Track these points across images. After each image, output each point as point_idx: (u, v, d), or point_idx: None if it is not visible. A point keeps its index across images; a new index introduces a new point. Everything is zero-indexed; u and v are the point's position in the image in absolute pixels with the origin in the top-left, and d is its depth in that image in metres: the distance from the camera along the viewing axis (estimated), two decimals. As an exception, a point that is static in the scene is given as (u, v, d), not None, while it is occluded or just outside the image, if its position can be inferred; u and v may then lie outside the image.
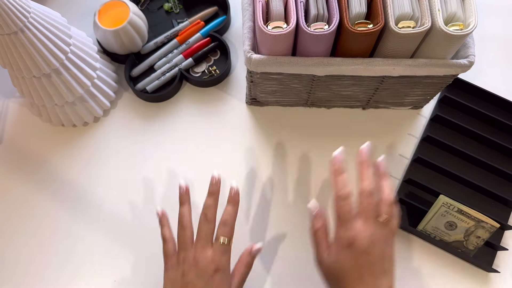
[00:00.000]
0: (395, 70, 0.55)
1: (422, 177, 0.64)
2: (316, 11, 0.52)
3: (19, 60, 0.55)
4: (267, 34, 0.51)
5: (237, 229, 0.63)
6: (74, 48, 0.60)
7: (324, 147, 0.67)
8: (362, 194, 0.49)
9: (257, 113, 0.69)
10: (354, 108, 0.69)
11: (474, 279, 0.62)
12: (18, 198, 0.65)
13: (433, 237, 0.62)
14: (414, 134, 0.69)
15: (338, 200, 0.49)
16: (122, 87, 0.71)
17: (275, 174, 0.66)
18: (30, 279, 0.61)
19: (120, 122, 0.69)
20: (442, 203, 0.60)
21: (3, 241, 0.63)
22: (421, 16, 0.52)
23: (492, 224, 0.59)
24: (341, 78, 0.58)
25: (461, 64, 0.54)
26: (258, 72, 0.57)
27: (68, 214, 0.64)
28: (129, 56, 0.69)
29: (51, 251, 0.62)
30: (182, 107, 0.70)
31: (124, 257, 0.62)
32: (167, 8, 0.74)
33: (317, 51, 0.54)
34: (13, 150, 0.67)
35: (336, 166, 0.50)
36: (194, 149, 0.67)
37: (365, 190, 0.49)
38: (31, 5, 0.52)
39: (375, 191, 0.49)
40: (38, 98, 0.62)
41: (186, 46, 0.71)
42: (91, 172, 0.66)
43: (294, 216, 0.64)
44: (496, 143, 0.66)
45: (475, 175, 0.65)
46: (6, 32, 0.51)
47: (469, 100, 0.68)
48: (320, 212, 0.52)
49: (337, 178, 0.50)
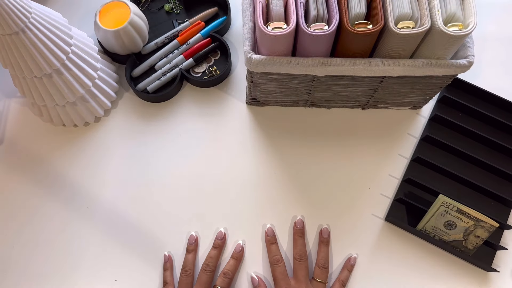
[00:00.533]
0: (394, 70, 0.55)
1: (422, 177, 0.65)
2: (316, 11, 0.52)
3: (20, 60, 0.55)
4: (267, 34, 0.51)
5: (237, 229, 0.63)
6: (75, 49, 0.60)
7: (324, 147, 0.67)
8: (294, 259, 0.60)
9: (257, 113, 0.70)
10: (353, 108, 0.70)
11: (474, 279, 0.62)
12: (19, 198, 0.65)
13: (433, 237, 0.62)
14: (413, 134, 0.69)
15: (272, 264, 0.59)
16: (123, 87, 0.71)
17: (275, 174, 0.66)
18: (30, 278, 0.61)
19: (121, 122, 0.69)
20: (442, 202, 0.60)
21: (3, 241, 0.63)
22: (420, 16, 0.52)
23: (491, 224, 0.59)
24: (341, 79, 0.59)
25: (460, 65, 0.55)
26: (258, 73, 0.57)
27: (68, 214, 0.64)
28: (130, 56, 0.69)
29: (51, 250, 0.63)
30: (183, 107, 0.70)
31: (124, 257, 0.62)
32: (168, 9, 0.74)
33: (317, 51, 0.54)
34: (14, 150, 0.68)
35: (269, 237, 0.62)
36: (195, 149, 0.67)
37: (295, 256, 0.60)
38: (32, 5, 0.53)
39: (303, 256, 0.59)
40: (39, 98, 0.62)
41: (186, 47, 0.71)
42: (92, 171, 0.66)
43: (295, 215, 0.64)
44: (495, 143, 0.66)
45: (474, 175, 0.65)
46: (7, 33, 0.51)
47: (469, 100, 0.68)
48: (261, 283, 0.60)
49: (270, 246, 0.61)
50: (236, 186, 0.65)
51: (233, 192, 0.65)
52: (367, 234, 0.63)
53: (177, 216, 0.64)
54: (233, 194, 0.65)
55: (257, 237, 0.63)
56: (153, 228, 0.63)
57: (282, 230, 0.63)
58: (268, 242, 0.61)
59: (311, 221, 0.64)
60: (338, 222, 0.64)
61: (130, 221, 0.64)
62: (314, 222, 0.64)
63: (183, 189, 0.65)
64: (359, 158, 0.67)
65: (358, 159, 0.67)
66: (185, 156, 0.67)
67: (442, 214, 0.60)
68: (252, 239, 0.63)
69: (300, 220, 0.62)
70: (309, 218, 0.64)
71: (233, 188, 0.65)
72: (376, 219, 0.64)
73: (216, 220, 0.64)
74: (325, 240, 0.61)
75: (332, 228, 0.64)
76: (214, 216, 0.64)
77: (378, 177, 0.66)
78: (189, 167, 0.66)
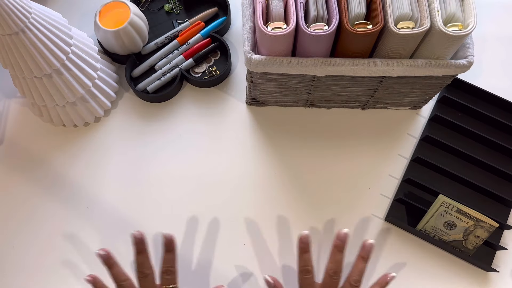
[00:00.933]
0: (394, 70, 0.55)
1: (421, 177, 0.65)
2: (315, 11, 0.52)
3: (20, 60, 0.55)
4: (267, 34, 0.51)
5: (238, 228, 0.63)
6: (75, 49, 0.60)
7: (323, 147, 0.67)
8: (326, 273, 0.53)
9: (257, 113, 0.70)
10: (353, 108, 0.70)
11: (473, 279, 0.62)
12: (19, 198, 0.65)
13: (432, 237, 0.62)
14: (413, 134, 0.69)
15: (301, 273, 0.54)
16: (123, 87, 0.71)
17: (275, 174, 0.66)
18: (30, 278, 0.61)
19: (121, 122, 0.69)
20: (441, 202, 0.60)
21: (3, 241, 0.63)
22: (420, 16, 0.52)
23: (491, 224, 0.59)
24: (341, 79, 0.59)
25: (460, 65, 0.55)
26: (258, 73, 0.57)
27: (68, 214, 0.64)
28: (130, 56, 0.69)
29: (51, 250, 0.63)
30: (183, 108, 0.70)
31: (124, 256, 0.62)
32: (168, 9, 0.74)
33: (316, 51, 0.54)
34: (14, 150, 0.68)
35: (302, 245, 0.54)
36: (195, 149, 0.68)
37: (329, 271, 0.53)
38: (32, 5, 0.53)
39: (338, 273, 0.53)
40: (39, 98, 0.62)
41: (186, 47, 0.71)
42: (92, 172, 0.66)
43: (295, 215, 0.64)
44: (495, 143, 0.66)
45: (474, 175, 0.65)
46: (7, 33, 0.51)
47: (468, 100, 0.68)
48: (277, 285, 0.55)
49: (303, 255, 0.54)
50: (236, 186, 0.65)
51: (233, 192, 0.65)
52: (367, 234, 0.63)
53: (177, 216, 0.64)
54: (233, 194, 0.65)
55: (257, 237, 0.63)
56: (153, 228, 0.63)
57: (281, 230, 0.63)
58: (301, 250, 0.54)
59: (311, 221, 0.64)
60: (338, 222, 0.64)
61: (130, 221, 0.64)
62: (314, 222, 0.64)
63: (183, 189, 0.65)
64: (359, 158, 0.67)
65: (358, 159, 0.67)
66: (185, 156, 0.67)
67: (442, 214, 0.60)
68: (252, 239, 0.63)
69: (344, 234, 0.54)
70: (309, 218, 0.64)
71: (233, 188, 0.65)
72: (376, 219, 0.64)
73: (216, 220, 0.64)
74: (366, 256, 0.54)
75: (331, 228, 0.64)
76: (214, 216, 0.64)
77: (378, 177, 0.66)
78: (189, 167, 0.66)
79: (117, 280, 0.52)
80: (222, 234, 0.63)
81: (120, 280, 0.52)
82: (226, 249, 0.62)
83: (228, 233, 0.63)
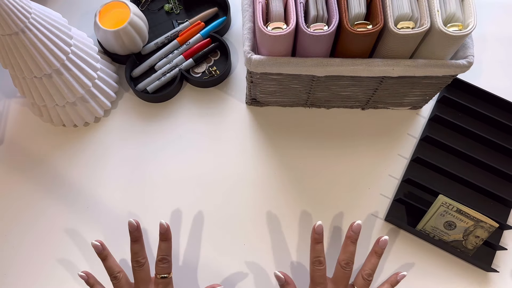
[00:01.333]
0: (394, 70, 0.55)
1: (421, 177, 0.65)
2: (315, 12, 0.52)
3: (20, 60, 0.55)
4: (267, 34, 0.51)
5: (238, 228, 0.63)
6: (75, 49, 0.60)
7: (323, 147, 0.67)
8: (338, 264, 0.54)
9: (257, 113, 0.70)
10: (353, 108, 0.70)
11: (473, 279, 0.62)
12: (19, 198, 0.65)
13: (432, 237, 0.62)
14: (413, 134, 0.69)
15: (313, 264, 0.54)
16: (123, 87, 0.71)
17: (275, 174, 0.66)
18: (30, 278, 0.61)
19: (120, 122, 0.69)
20: (441, 202, 0.60)
21: (3, 241, 0.63)
22: (420, 16, 0.52)
23: (491, 224, 0.59)
24: (341, 79, 0.59)
25: (460, 65, 0.55)
26: (258, 73, 0.58)
27: (68, 214, 0.64)
28: (130, 56, 0.69)
29: (50, 250, 0.63)
30: (183, 108, 0.70)
31: (124, 256, 0.62)
32: (168, 9, 0.74)
33: (316, 51, 0.54)
34: (14, 150, 0.68)
35: (316, 235, 0.54)
36: (195, 149, 0.68)
37: (341, 262, 0.54)
38: (32, 5, 0.53)
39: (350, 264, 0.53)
40: (39, 98, 0.62)
41: (186, 47, 0.71)
42: (92, 172, 0.66)
43: (294, 215, 0.64)
44: (495, 143, 0.66)
45: (474, 175, 0.65)
46: (7, 33, 0.51)
47: (468, 101, 0.68)
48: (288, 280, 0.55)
49: (316, 245, 0.54)
50: (236, 186, 0.65)
51: (232, 192, 0.65)
52: (367, 234, 0.63)
53: (177, 216, 0.64)
54: (232, 194, 0.65)
55: (257, 237, 0.63)
56: (153, 228, 0.64)
57: (280, 230, 0.63)
58: (314, 241, 0.54)
59: (311, 221, 0.64)
60: (338, 222, 0.64)
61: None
62: (314, 222, 0.64)
63: (183, 189, 0.65)
64: (359, 158, 0.67)
65: (358, 159, 0.67)
66: (185, 156, 0.67)
67: (441, 214, 0.60)
68: (252, 239, 0.63)
69: (358, 225, 0.55)
70: (308, 218, 0.64)
71: (233, 188, 0.65)
72: (376, 219, 0.64)
73: (215, 219, 0.64)
74: (380, 251, 0.55)
75: (331, 228, 0.64)
76: (214, 216, 0.64)
77: (378, 177, 0.66)
78: (189, 167, 0.66)
79: (111, 272, 0.53)
80: (222, 234, 0.63)
81: (113, 272, 0.53)
82: (226, 249, 0.63)
83: (228, 233, 0.63)
